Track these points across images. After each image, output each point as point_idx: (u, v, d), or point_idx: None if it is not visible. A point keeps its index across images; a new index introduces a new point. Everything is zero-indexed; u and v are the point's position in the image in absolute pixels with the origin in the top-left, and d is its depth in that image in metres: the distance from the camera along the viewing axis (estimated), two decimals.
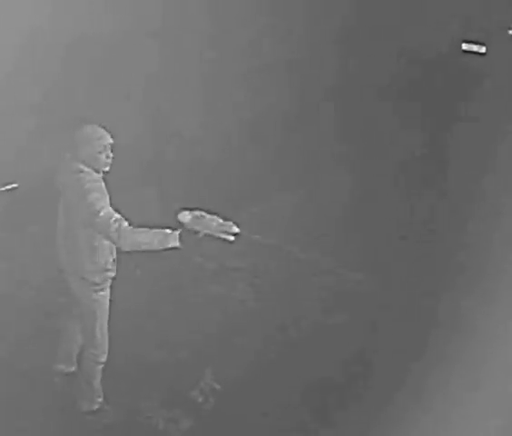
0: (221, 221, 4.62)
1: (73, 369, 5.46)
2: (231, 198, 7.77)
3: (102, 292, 5.09)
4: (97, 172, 4.98)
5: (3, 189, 7.03)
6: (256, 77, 9.10)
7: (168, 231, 4.67)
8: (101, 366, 5.26)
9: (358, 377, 5.78)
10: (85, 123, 5.05)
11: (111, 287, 5.17)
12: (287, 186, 8.18)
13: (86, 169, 4.92)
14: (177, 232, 4.65)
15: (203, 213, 4.67)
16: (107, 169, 5.03)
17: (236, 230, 4.62)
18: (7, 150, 7.04)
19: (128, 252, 4.77)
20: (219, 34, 8.88)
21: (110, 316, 5.17)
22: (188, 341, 6.03)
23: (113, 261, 5.08)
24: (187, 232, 4.63)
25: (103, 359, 5.24)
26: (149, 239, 4.66)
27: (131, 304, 5.68)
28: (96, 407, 5.33)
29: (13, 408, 5.30)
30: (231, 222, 4.63)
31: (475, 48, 10.36)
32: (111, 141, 5.02)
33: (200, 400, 5.50)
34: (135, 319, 6.07)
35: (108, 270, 5.05)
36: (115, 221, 4.70)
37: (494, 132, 8.83)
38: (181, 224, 4.64)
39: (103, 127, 5.04)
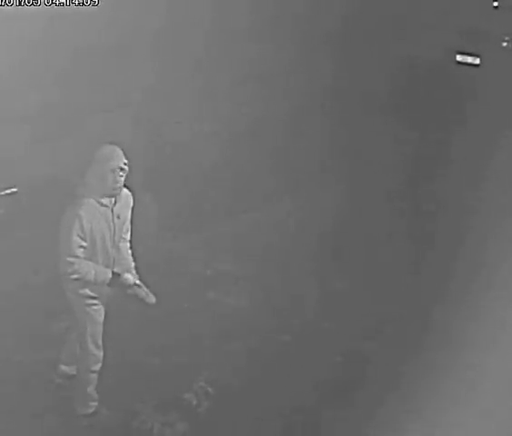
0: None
1: (75, 371, 5.48)
2: (225, 206, 7.86)
3: (94, 307, 5.13)
4: (100, 198, 4.89)
5: (2, 193, 7.09)
6: (251, 86, 9.16)
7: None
8: (94, 374, 5.28)
9: (351, 381, 5.82)
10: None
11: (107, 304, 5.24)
12: (281, 195, 8.25)
13: (91, 199, 4.88)
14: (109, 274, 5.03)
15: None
16: (114, 192, 4.89)
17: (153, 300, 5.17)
18: (7, 154, 7.10)
19: None
20: (214, 44, 8.94)
21: (105, 320, 5.23)
22: (183, 346, 6.07)
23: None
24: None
25: (96, 368, 5.26)
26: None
27: (126, 309, 5.73)
28: (91, 411, 5.37)
29: (10, 408, 5.34)
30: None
31: (469, 60, 10.42)
32: (122, 165, 4.85)
33: (194, 402, 5.54)
34: (131, 323, 6.10)
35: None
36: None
37: (488, 143, 8.88)
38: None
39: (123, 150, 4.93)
